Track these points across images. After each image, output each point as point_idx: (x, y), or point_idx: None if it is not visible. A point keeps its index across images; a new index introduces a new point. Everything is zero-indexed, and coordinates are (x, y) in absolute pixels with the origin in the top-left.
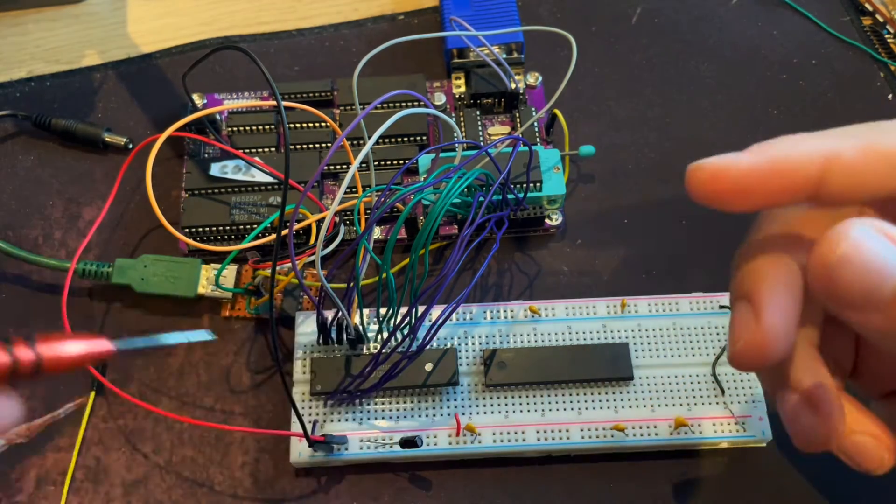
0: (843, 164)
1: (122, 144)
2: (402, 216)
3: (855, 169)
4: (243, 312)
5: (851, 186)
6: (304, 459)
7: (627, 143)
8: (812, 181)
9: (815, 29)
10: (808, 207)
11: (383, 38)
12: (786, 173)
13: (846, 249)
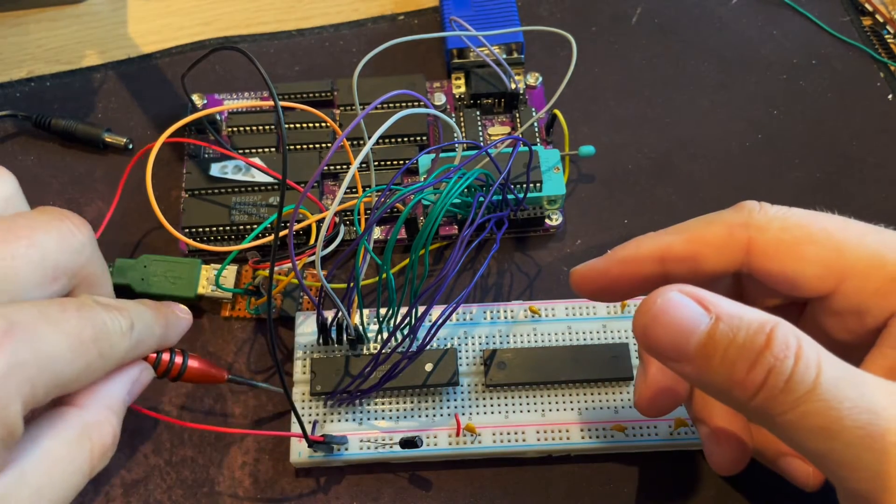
0: (675, 255)
1: (122, 144)
2: (402, 216)
3: (685, 257)
4: (243, 313)
5: (687, 271)
6: (303, 459)
7: (627, 143)
8: (654, 273)
9: (815, 29)
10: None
11: (383, 38)
12: (631, 272)
13: (656, 310)
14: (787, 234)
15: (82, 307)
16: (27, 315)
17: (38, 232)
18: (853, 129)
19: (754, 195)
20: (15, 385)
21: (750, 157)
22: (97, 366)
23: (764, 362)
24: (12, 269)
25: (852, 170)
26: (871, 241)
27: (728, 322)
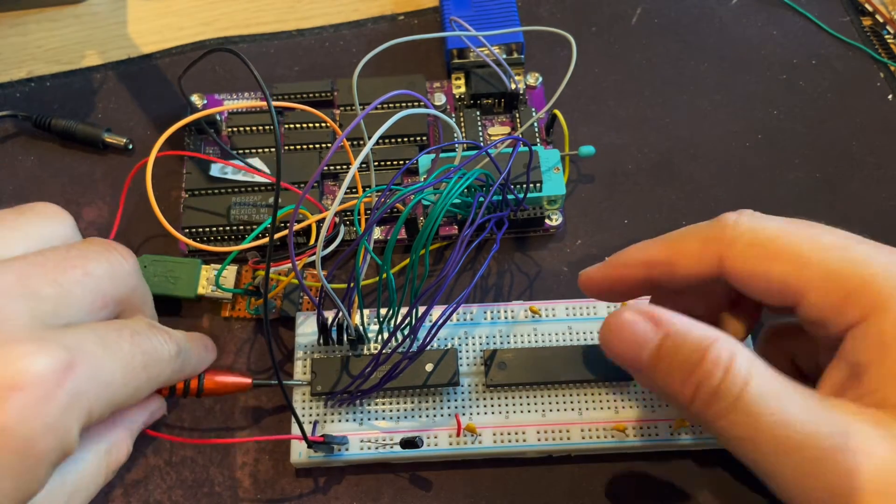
0: (657, 264)
1: (122, 145)
2: (403, 216)
3: (665, 266)
4: (243, 313)
5: (668, 278)
6: (304, 460)
7: (627, 143)
8: (643, 277)
9: (815, 29)
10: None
11: (383, 38)
12: (624, 276)
13: (613, 327)
14: (753, 250)
15: (136, 333)
16: (87, 343)
17: (91, 262)
18: (853, 129)
19: (754, 195)
20: (76, 414)
21: (750, 157)
22: (145, 388)
23: (695, 375)
24: (71, 295)
25: (852, 170)
26: (834, 257)
27: (674, 338)
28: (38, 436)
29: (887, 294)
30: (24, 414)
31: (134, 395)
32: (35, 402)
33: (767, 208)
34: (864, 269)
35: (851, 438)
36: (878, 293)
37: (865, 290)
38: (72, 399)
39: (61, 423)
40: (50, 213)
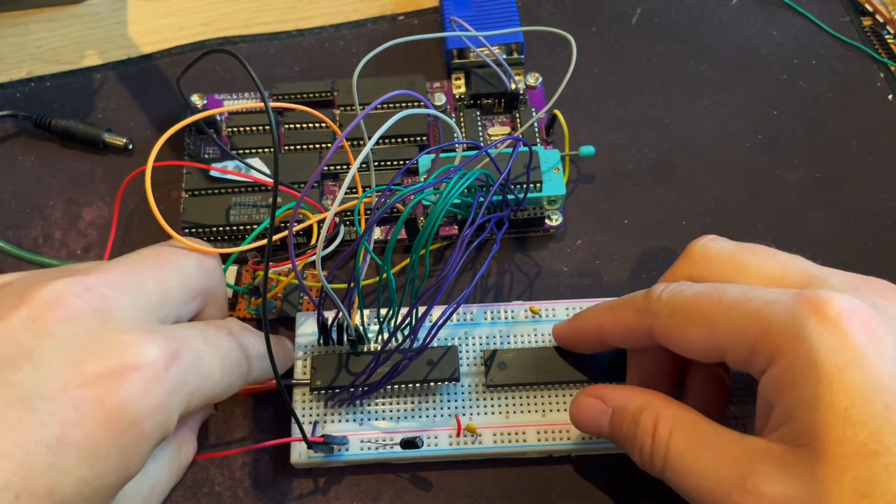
0: (606, 332)
1: (122, 145)
2: (403, 217)
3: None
4: (244, 313)
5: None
6: (304, 460)
7: (627, 143)
8: (597, 340)
9: (815, 29)
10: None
11: (383, 38)
12: (581, 338)
13: (575, 409)
14: (673, 320)
15: (232, 333)
16: (191, 336)
17: (182, 257)
18: (853, 129)
19: (754, 195)
20: (178, 399)
21: (750, 157)
22: (237, 384)
23: (636, 443)
24: (167, 289)
25: (852, 170)
26: (738, 315)
27: (619, 413)
28: (147, 415)
29: (781, 342)
30: (136, 394)
31: (227, 390)
32: (146, 384)
33: (767, 208)
34: (763, 322)
35: (748, 479)
36: (775, 342)
37: (765, 341)
38: (177, 384)
39: (167, 406)
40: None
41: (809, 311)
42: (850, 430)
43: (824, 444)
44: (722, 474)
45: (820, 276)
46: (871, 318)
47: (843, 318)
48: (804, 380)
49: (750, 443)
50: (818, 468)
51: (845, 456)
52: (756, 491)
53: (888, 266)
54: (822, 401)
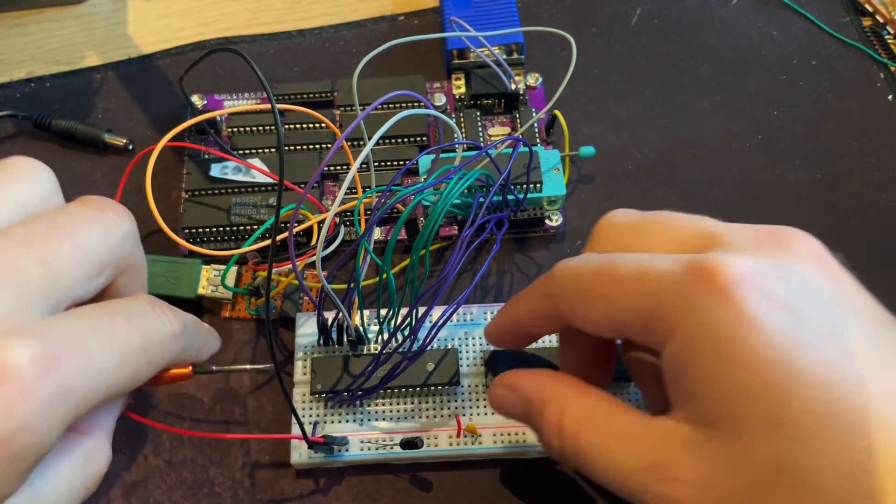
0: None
1: (122, 145)
2: (403, 217)
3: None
4: (244, 313)
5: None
6: (304, 460)
7: (627, 144)
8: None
9: (815, 29)
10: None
11: (383, 38)
12: (506, 333)
13: (491, 399)
14: (575, 298)
15: (133, 315)
16: (76, 330)
17: (81, 230)
18: (853, 130)
19: (754, 195)
20: (60, 411)
21: (750, 157)
22: (143, 373)
23: (544, 439)
24: (58, 271)
25: (852, 170)
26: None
27: (527, 404)
28: (13, 437)
29: (674, 318)
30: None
31: (130, 383)
32: (12, 400)
33: (767, 208)
34: (655, 298)
35: (662, 468)
36: (668, 318)
37: (659, 318)
38: (56, 394)
39: (43, 422)
40: (29, 170)
41: (698, 282)
42: (752, 404)
43: (728, 421)
44: (637, 465)
45: (721, 235)
46: (765, 279)
47: (733, 286)
48: (700, 357)
49: (660, 427)
50: (726, 447)
51: (751, 431)
52: (673, 479)
53: (888, 266)
54: (720, 377)
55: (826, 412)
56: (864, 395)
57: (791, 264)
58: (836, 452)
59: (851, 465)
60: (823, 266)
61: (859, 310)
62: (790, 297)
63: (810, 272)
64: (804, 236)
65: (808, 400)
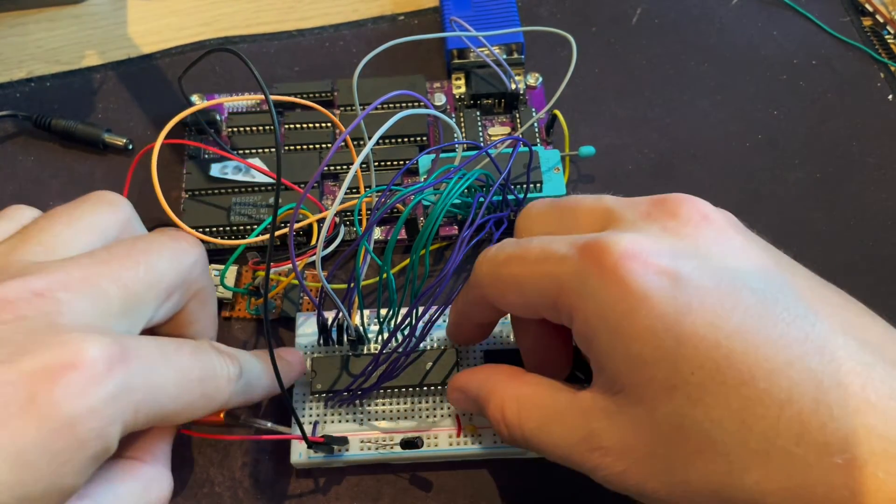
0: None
1: (122, 145)
2: (403, 217)
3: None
4: (244, 313)
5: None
6: (304, 460)
7: (627, 143)
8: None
9: (815, 29)
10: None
11: (383, 38)
12: (459, 329)
13: (449, 398)
14: (494, 289)
15: (197, 350)
16: (146, 345)
17: (153, 255)
18: (853, 129)
19: (754, 195)
20: (121, 407)
21: (750, 157)
22: (199, 405)
23: (494, 429)
24: (133, 292)
25: (852, 170)
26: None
27: (477, 403)
28: (82, 418)
29: (573, 301)
30: (72, 393)
31: (185, 411)
32: (84, 383)
33: (767, 208)
34: (556, 282)
35: (591, 440)
36: (568, 301)
37: (561, 300)
38: (120, 390)
39: (106, 411)
40: (107, 202)
41: (590, 264)
42: (649, 371)
43: (632, 389)
44: (571, 440)
45: (616, 212)
46: (650, 252)
47: (620, 266)
48: (598, 334)
49: (582, 401)
50: (635, 411)
51: (652, 396)
52: (600, 448)
53: (888, 266)
54: (618, 350)
55: (714, 368)
56: (752, 346)
57: (677, 230)
58: (727, 404)
59: (743, 412)
60: (710, 226)
61: (747, 261)
62: (673, 265)
63: (697, 234)
64: (690, 200)
65: (696, 360)
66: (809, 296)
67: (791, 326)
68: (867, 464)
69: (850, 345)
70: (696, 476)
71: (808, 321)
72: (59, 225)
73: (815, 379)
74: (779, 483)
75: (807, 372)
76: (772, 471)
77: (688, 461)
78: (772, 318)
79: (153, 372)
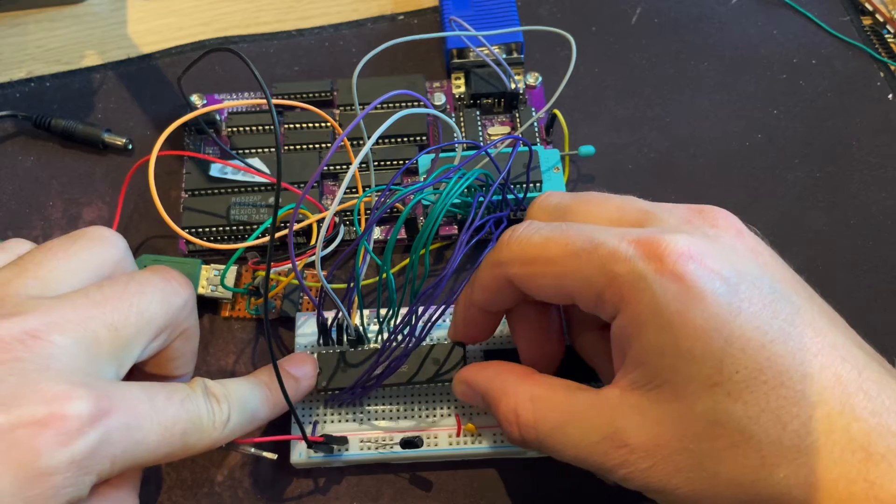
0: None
1: (122, 145)
2: (402, 216)
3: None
4: (243, 313)
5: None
6: (304, 460)
7: (627, 143)
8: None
9: (815, 29)
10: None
11: (383, 38)
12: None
13: (455, 392)
14: (524, 268)
15: (187, 398)
16: (133, 398)
17: (146, 297)
18: (853, 129)
19: (754, 195)
20: (98, 460)
21: (750, 156)
22: (179, 454)
23: (505, 430)
24: (123, 337)
25: (852, 170)
26: (584, 263)
27: (485, 399)
28: (60, 469)
29: (625, 292)
30: (54, 445)
31: (164, 459)
32: (66, 436)
33: (767, 208)
34: (607, 272)
35: (616, 437)
36: (619, 292)
37: (611, 291)
38: (100, 443)
39: (84, 462)
40: (101, 238)
41: (648, 259)
42: (695, 367)
43: (673, 384)
44: (593, 439)
45: (655, 213)
46: (705, 255)
47: (680, 263)
48: (649, 328)
49: (607, 399)
50: (671, 407)
51: (693, 392)
52: (625, 445)
53: (888, 266)
54: (668, 345)
55: (757, 368)
56: (790, 351)
57: (717, 239)
58: (766, 402)
59: (780, 411)
60: (744, 239)
61: (778, 276)
62: (725, 270)
63: (737, 245)
64: (726, 213)
65: (741, 360)
66: (827, 315)
67: (820, 337)
68: (884, 459)
69: (865, 357)
70: (725, 470)
71: (832, 334)
72: (55, 259)
73: (841, 384)
74: (805, 478)
75: (835, 378)
76: (800, 466)
77: (720, 456)
78: (806, 329)
79: (136, 426)
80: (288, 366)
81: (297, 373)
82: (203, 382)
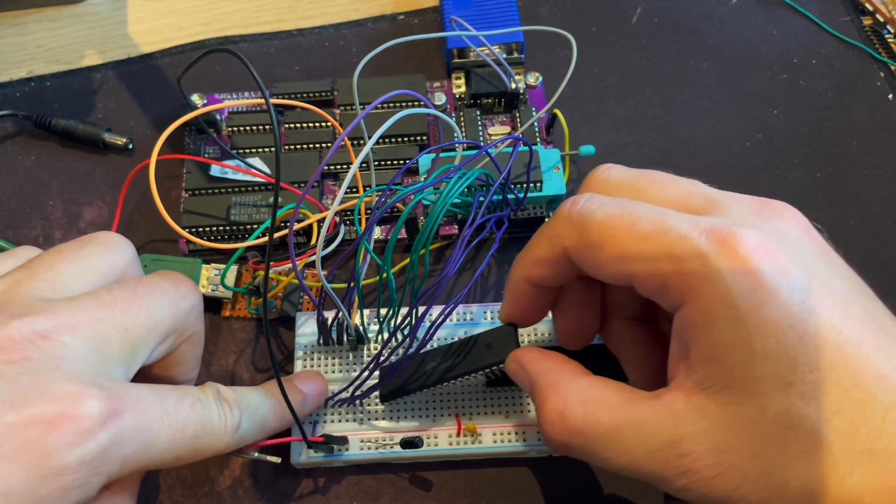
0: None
1: (122, 144)
2: (403, 216)
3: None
4: (244, 312)
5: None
6: (304, 460)
7: (627, 143)
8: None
9: (815, 29)
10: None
11: (383, 38)
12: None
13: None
14: (584, 243)
15: (198, 402)
16: (144, 400)
17: (154, 301)
18: (853, 129)
19: (754, 195)
20: (108, 461)
21: (750, 156)
22: (189, 458)
23: (544, 426)
24: (133, 339)
25: (852, 170)
26: (651, 246)
27: (534, 387)
28: (70, 469)
29: (695, 282)
30: (65, 444)
31: (173, 462)
32: (77, 436)
33: None
34: (676, 259)
35: (679, 445)
36: (688, 281)
37: (678, 279)
38: (111, 444)
39: (94, 464)
40: (110, 243)
41: (722, 249)
42: (768, 366)
43: (745, 383)
44: (651, 447)
45: (721, 201)
46: (778, 250)
47: (755, 256)
48: (720, 322)
49: (669, 404)
50: (741, 410)
51: (765, 393)
52: (690, 453)
53: (888, 266)
54: (741, 342)
55: (830, 369)
56: (863, 352)
57: (790, 234)
58: (838, 405)
59: (853, 413)
60: (812, 236)
61: (844, 275)
62: (797, 267)
63: (806, 241)
64: (792, 208)
65: (815, 359)
66: (890, 316)
67: (890, 339)
68: None
69: None
70: (796, 477)
71: None
72: (64, 263)
73: None
74: (877, 482)
75: None
76: (872, 471)
77: (791, 462)
78: (878, 331)
79: (147, 427)
80: (297, 381)
81: (304, 388)
82: (215, 387)
